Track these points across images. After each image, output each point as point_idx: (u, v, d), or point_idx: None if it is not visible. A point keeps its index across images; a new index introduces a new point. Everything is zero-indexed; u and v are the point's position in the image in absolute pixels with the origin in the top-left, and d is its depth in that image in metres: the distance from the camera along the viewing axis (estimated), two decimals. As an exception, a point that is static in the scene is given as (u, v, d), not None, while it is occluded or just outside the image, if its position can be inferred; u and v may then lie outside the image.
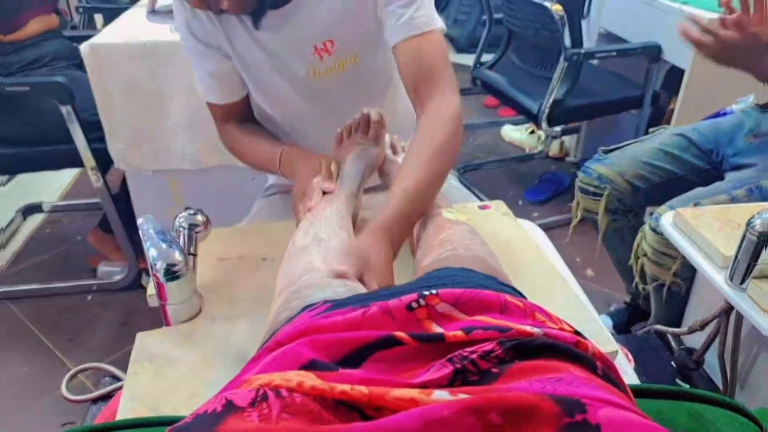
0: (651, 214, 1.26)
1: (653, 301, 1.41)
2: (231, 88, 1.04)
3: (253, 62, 1.00)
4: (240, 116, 1.08)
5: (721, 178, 1.31)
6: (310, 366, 0.40)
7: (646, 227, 1.28)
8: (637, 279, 1.37)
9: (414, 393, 0.35)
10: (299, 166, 0.96)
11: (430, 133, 0.84)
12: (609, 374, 0.42)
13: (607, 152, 1.50)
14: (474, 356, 0.39)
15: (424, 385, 0.37)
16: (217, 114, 1.08)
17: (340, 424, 0.34)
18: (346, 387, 0.36)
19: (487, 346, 0.40)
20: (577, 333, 0.45)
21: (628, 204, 1.46)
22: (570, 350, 0.41)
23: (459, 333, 0.42)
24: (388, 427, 0.32)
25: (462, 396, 0.35)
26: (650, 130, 1.64)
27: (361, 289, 0.62)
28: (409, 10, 0.89)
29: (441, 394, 0.35)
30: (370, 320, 0.45)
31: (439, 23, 0.92)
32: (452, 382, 0.38)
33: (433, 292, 0.46)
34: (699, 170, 1.40)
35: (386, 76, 1.09)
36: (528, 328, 0.42)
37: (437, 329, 0.44)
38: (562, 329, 0.45)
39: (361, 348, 0.42)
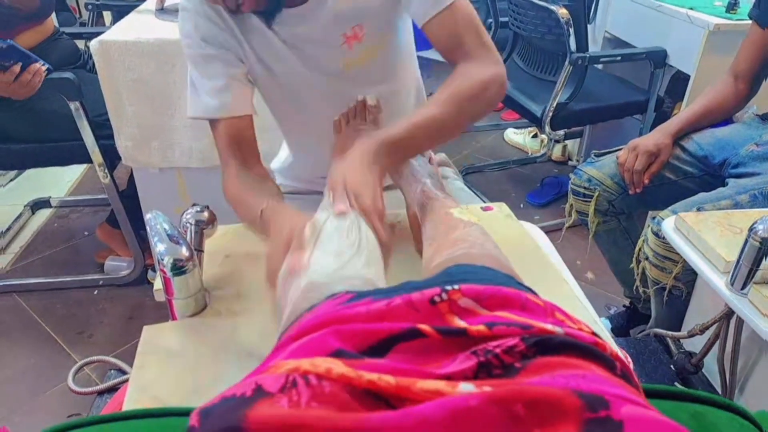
0: (653, 218, 1.27)
1: (654, 304, 1.41)
2: (240, 98, 0.95)
3: (280, 64, 0.97)
4: (245, 149, 0.97)
5: (718, 184, 1.32)
6: (336, 355, 0.40)
7: (648, 231, 1.30)
8: (638, 282, 1.38)
9: (440, 385, 0.36)
10: (275, 231, 0.77)
11: (454, 81, 0.85)
12: (627, 374, 0.42)
13: (599, 155, 1.52)
14: (498, 350, 0.40)
15: (449, 377, 0.38)
16: (221, 139, 0.96)
17: (366, 413, 0.35)
18: (374, 376, 0.36)
19: (511, 341, 0.40)
20: (594, 334, 0.46)
21: (619, 206, 1.48)
22: (591, 349, 0.42)
23: (482, 327, 0.42)
24: (415, 416, 0.33)
25: (487, 389, 0.35)
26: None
27: (380, 285, 0.62)
28: None
29: (467, 387, 0.36)
30: (394, 312, 0.45)
31: None
32: (476, 374, 0.39)
33: (456, 287, 0.47)
34: (692, 176, 1.41)
35: (410, 54, 1.09)
36: (549, 327, 0.43)
37: (460, 323, 0.44)
38: (581, 329, 0.45)
39: (385, 339, 0.43)
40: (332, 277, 0.60)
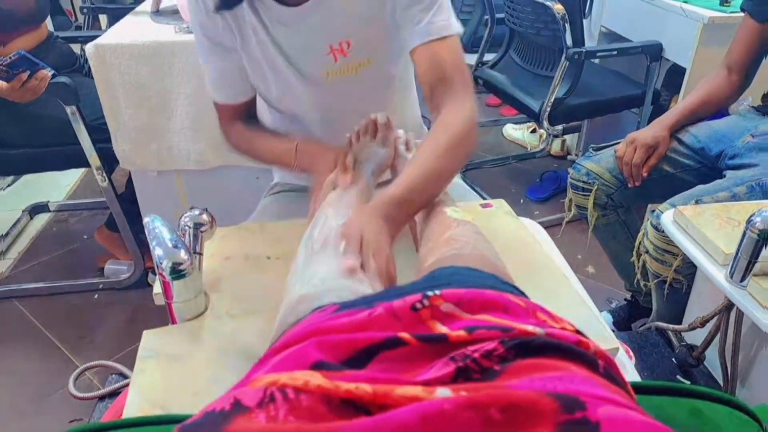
0: (653, 211, 1.28)
1: (654, 298, 1.42)
2: (242, 87, 1.05)
3: (268, 61, 1.00)
4: (246, 116, 1.09)
5: (716, 176, 1.32)
6: (317, 366, 0.40)
7: (648, 224, 1.30)
8: (638, 276, 1.39)
9: (417, 390, 0.36)
10: (317, 159, 0.96)
11: (442, 132, 0.86)
12: (611, 372, 0.42)
13: (597, 149, 1.53)
14: (476, 355, 0.40)
15: (426, 383, 0.38)
16: (224, 114, 1.08)
17: (341, 421, 0.35)
18: (351, 386, 0.36)
19: (489, 345, 0.40)
20: (578, 332, 0.46)
21: (617, 199, 1.48)
22: (571, 349, 0.41)
23: (462, 333, 0.42)
24: (388, 422, 0.33)
25: (463, 393, 0.35)
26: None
27: (368, 292, 0.62)
28: (428, 14, 0.90)
29: (443, 392, 0.36)
30: (376, 321, 0.45)
31: (456, 28, 0.93)
32: (455, 379, 0.39)
33: (437, 292, 0.47)
34: (690, 168, 1.41)
35: (397, 78, 1.10)
36: (530, 328, 0.43)
37: (441, 329, 0.44)
38: (563, 328, 0.45)
39: (366, 348, 0.43)
40: (322, 288, 0.60)
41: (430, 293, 0.47)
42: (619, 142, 1.47)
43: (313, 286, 0.62)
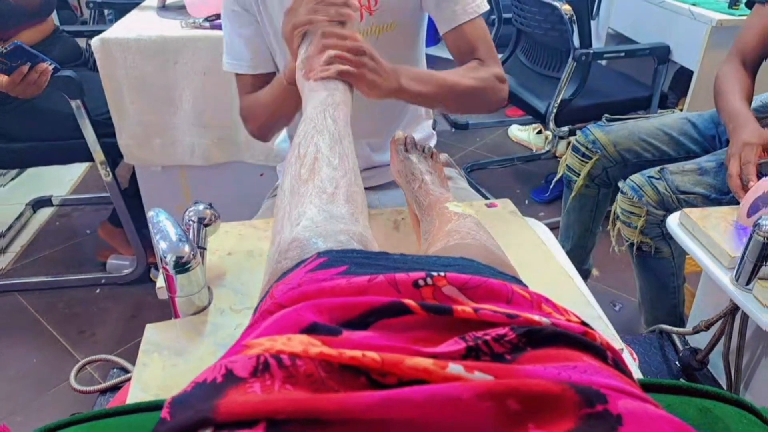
0: (624, 179, 1.33)
1: (634, 267, 1.45)
2: (262, 56, 1.06)
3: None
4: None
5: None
6: (311, 329, 0.38)
7: (619, 194, 1.34)
8: (614, 243, 1.42)
9: (428, 363, 0.34)
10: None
11: (480, 69, 0.99)
12: (619, 364, 0.41)
13: (611, 120, 1.53)
14: (488, 338, 0.38)
15: (435, 356, 0.36)
16: (242, 88, 1.08)
17: (348, 393, 0.33)
18: (357, 353, 0.35)
19: (501, 330, 0.39)
20: (583, 323, 0.45)
21: (612, 176, 1.48)
22: (581, 339, 0.41)
23: (468, 309, 0.41)
24: (396, 401, 0.31)
25: (478, 374, 0.34)
26: (659, 111, 1.66)
27: (367, 235, 0.59)
28: None
29: (455, 368, 0.34)
30: (376, 288, 0.44)
31: (483, 6, 1.02)
32: (464, 358, 0.37)
33: (441, 273, 0.45)
34: (695, 155, 1.40)
35: (416, 49, 1.11)
36: (536, 317, 0.41)
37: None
38: (569, 320, 0.44)
39: (366, 313, 0.41)
40: (313, 231, 0.57)
41: (434, 273, 0.45)
42: (633, 118, 1.48)
43: (304, 228, 0.58)
